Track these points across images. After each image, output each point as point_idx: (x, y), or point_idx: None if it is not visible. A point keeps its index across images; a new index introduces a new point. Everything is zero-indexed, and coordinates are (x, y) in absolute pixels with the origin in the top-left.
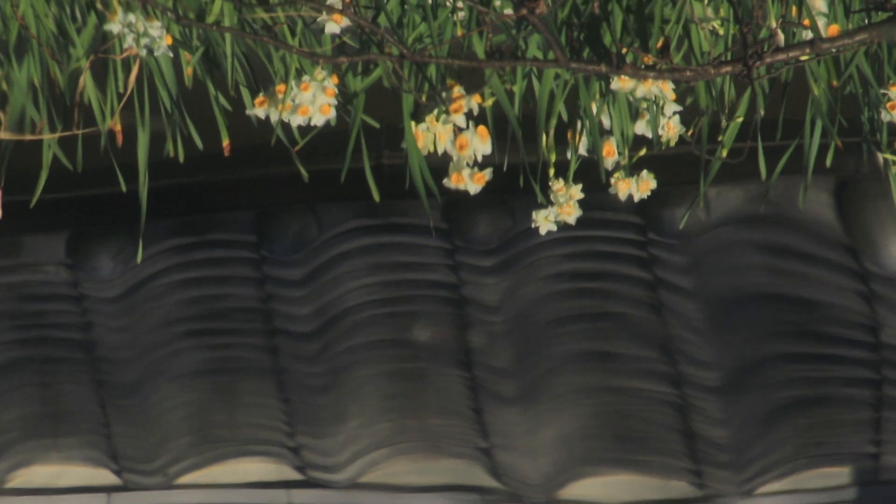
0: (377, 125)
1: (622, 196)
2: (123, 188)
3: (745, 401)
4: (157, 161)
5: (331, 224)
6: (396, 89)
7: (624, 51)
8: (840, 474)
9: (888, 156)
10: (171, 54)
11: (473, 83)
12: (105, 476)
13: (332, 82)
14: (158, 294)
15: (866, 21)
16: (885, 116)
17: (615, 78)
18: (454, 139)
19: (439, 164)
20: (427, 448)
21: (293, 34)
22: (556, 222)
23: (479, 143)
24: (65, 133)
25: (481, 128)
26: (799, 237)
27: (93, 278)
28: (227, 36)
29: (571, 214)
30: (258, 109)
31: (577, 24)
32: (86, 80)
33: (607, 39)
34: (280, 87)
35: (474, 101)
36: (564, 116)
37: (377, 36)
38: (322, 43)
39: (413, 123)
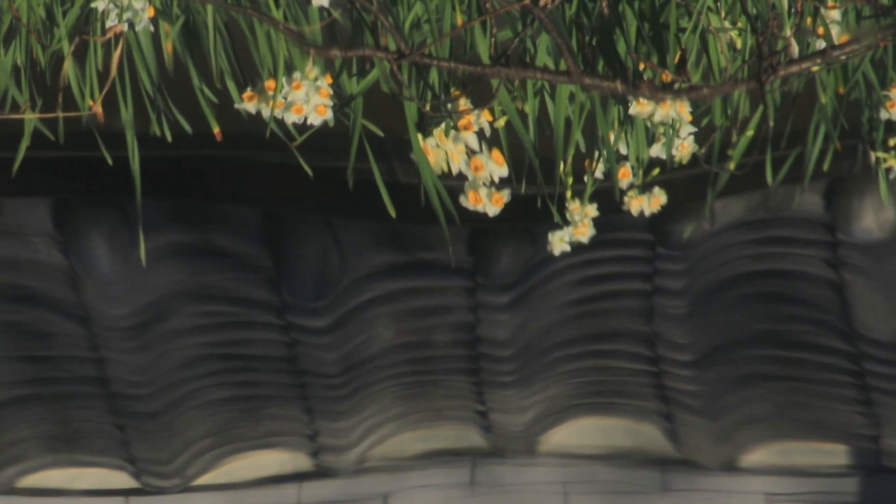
0: (381, 133)
1: (634, 212)
2: (109, 161)
3: (720, 371)
4: (143, 136)
5: (351, 250)
6: (397, 96)
7: (641, 66)
8: (835, 452)
9: (880, 153)
10: (152, 28)
11: (478, 90)
12: (122, 479)
13: (325, 82)
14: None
15: (876, 27)
16: (883, 115)
17: (633, 103)
18: (468, 160)
19: (453, 183)
20: (430, 417)
21: (277, 5)
22: (570, 242)
23: (495, 166)
24: (47, 115)
25: (496, 152)
26: (784, 227)
27: (92, 273)
28: (209, 8)
29: (585, 234)
30: (247, 104)
31: (588, 26)
32: (68, 66)
33: (621, 47)
34: (269, 84)
35: (484, 119)
36: (582, 147)
37: (370, 14)
38: (310, 18)
39: (420, 136)
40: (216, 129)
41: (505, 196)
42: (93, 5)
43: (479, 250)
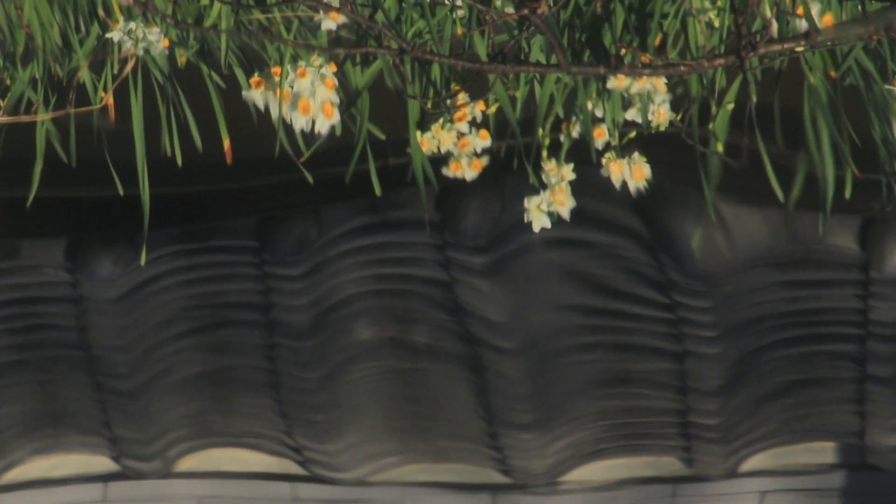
0: (383, 136)
1: (615, 181)
2: (121, 191)
3: (740, 399)
4: (155, 166)
5: (332, 225)
6: (401, 92)
7: (623, 51)
8: (824, 451)
9: None
10: (167, 52)
11: (478, 86)
12: (102, 463)
13: (330, 70)
14: (157, 293)
15: (860, 8)
16: None
17: (611, 77)
18: (457, 141)
19: (439, 157)
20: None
21: (289, 32)
22: (549, 214)
23: (480, 140)
24: (59, 112)
25: (483, 131)
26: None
27: (92, 280)
28: (223, 37)
29: (565, 205)
30: (255, 93)
31: (580, 24)
32: (83, 73)
33: (608, 39)
34: (276, 70)
35: (478, 109)
36: (562, 115)
37: (374, 31)
38: (318, 38)
39: (419, 133)
40: (226, 142)
41: (484, 161)
42: (108, 36)
43: (446, 208)
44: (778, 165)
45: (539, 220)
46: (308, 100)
